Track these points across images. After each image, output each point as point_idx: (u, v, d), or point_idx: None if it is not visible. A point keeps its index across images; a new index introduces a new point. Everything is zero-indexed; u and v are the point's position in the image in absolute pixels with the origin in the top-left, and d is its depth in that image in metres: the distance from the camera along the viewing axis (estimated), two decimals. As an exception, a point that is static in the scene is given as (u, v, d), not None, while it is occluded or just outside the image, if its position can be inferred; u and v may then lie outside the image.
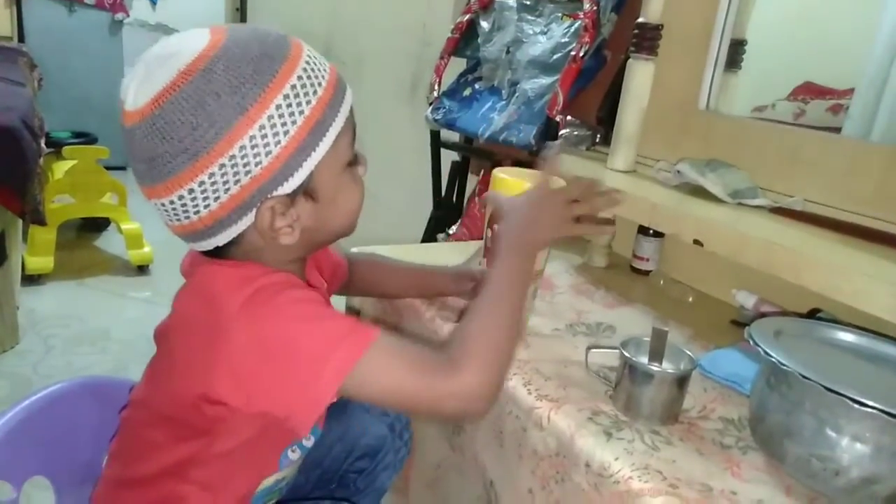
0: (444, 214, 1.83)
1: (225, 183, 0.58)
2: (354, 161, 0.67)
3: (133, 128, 0.58)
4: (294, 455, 0.75)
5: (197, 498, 0.68)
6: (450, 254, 1.18)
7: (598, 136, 1.43)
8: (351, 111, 0.65)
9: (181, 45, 0.59)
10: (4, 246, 1.87)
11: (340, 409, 0.91)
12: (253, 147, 0.57)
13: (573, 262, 1.29)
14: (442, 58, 1.71)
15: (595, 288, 1.15)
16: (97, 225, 2.87)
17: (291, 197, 0.61)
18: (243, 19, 3.94)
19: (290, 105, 0.58)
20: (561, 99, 1.38)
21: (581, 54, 1.38)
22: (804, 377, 0.59)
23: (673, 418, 0.73)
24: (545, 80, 1.47)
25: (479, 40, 1.65)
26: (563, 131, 1.41)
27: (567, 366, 0.84)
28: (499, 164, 1.59)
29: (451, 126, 1.66)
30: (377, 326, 0.61)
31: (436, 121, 1.68)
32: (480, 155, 1.71)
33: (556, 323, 0.98)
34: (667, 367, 0.73)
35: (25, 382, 1.78)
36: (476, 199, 1.65)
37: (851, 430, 0.59)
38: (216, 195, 0.58)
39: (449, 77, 1.72)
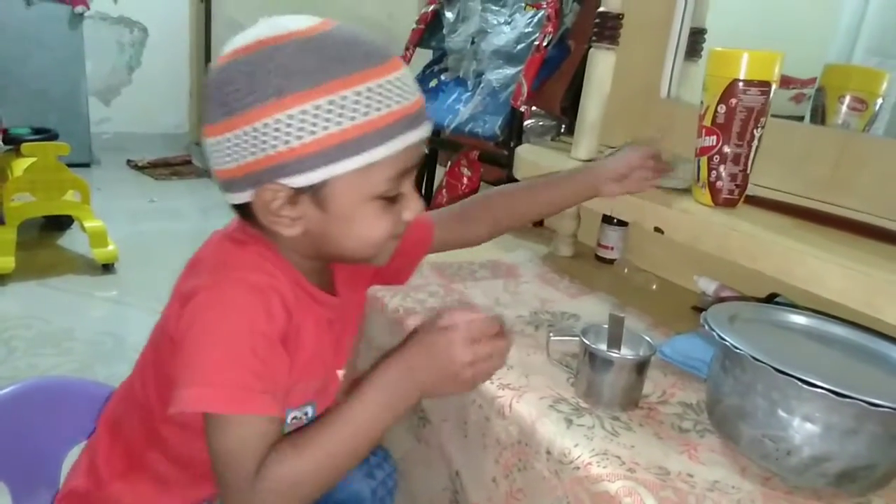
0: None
1: (244, 149, 0.60)
2: (394, 198, 0.65)
3: (210, 68, 0.63)
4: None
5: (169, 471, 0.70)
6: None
7: (563, 126, 1.44)
8: (414, 154, 0.65)
9: (287, 22, 0.62)
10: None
11: None
12: (275, 130, 0.59)
13: (539, 251, 1.29)
14: (407, 49, 1.71)
15: (560, 277, 1.16)
16: (60, 223, 2.80)
17: (297, 192, 0.61)
18: (208, 10, 3.88)
19: (330, 111, 0.59)
20: (525, 89, 1.38)
21: (544, 44, 1.38)
22: (756, 360, 0.60)
23: (633, 404, 0.74)
24: (510, 71, 1.48)
25: (444, 31, 1.65)
26: (527, 122, 1.41)
27: (530, 354, 0.84)
28: (466, 155, 1.59)
29: (417, 118, 1.65)
30: (274, 405, 0.59)
31: (402, 112, 1.67)
32: (448, 146, 1.71)
33: (519, 312, 0.98)
34: (626, 353, 0.74)
35: (-14, 385, 1.74)
36: (443, 190, 1.65)
37: (802, 411, 0.60)
38: (235, 156, 0.61)
39: (415, 68, 1.71)
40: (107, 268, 2.50)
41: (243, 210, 0.65)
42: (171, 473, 0.71)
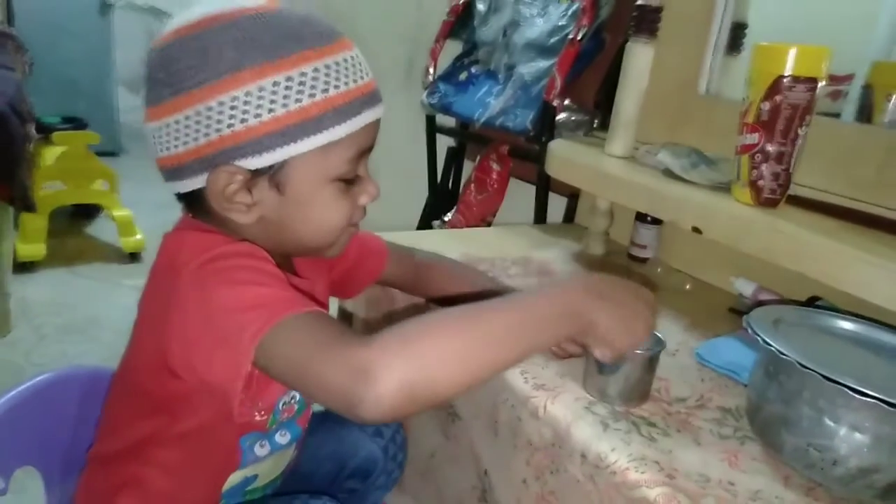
0: (440, 201, 1.81)
1: (196, 130, 0.58)
2: (352, 181, 0.64)
3: (151, 49, 0.60)
4: (262, 450, 0.72)
5: (158, 484, 0.67)
6: (445, 241, 1.17)
7: (596, 121, 1.41)
8: (372, 134, 0.64)
9: (234, 0, 0.60)
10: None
11: (334, 423, 0.89)
12: (232, 108, 0.56)
13: (571, 249, 1.28)
14: (437, 41, 1.69)
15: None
16: (88, 212, 2.85)
17: (254, 174, 0.59)
18: (236, 2, 3.89)
19: (289, 87, 0.57)
20: (558, 83, 1.36)
21: (579, 37, 1.35)
22: (803, 366, 0.58)
23: (642, 399, 0.73)
24: (542, 64, 1.45)
25: (475, 23, 1.63)
26: (560, 116, 1.39)
27: (563, 354, 0.83)
28: (495, 149, 1.57)
29: (446, 111, 1.64)
30: (322, 308, 0.57)
31: (431, 105, 1.66)
32: (477, 140, 1.69)
33: (552, 311, 0.97)
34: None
35: (17, 371, 1.76)
36: (471, 185, 1.63)
37: (850, 420, 0.58)
38: (185, 139, 0.58)
39: (445, 61, 1.69)
40: (134, 256, 2.53)
41: (192, 200, 0.63)
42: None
